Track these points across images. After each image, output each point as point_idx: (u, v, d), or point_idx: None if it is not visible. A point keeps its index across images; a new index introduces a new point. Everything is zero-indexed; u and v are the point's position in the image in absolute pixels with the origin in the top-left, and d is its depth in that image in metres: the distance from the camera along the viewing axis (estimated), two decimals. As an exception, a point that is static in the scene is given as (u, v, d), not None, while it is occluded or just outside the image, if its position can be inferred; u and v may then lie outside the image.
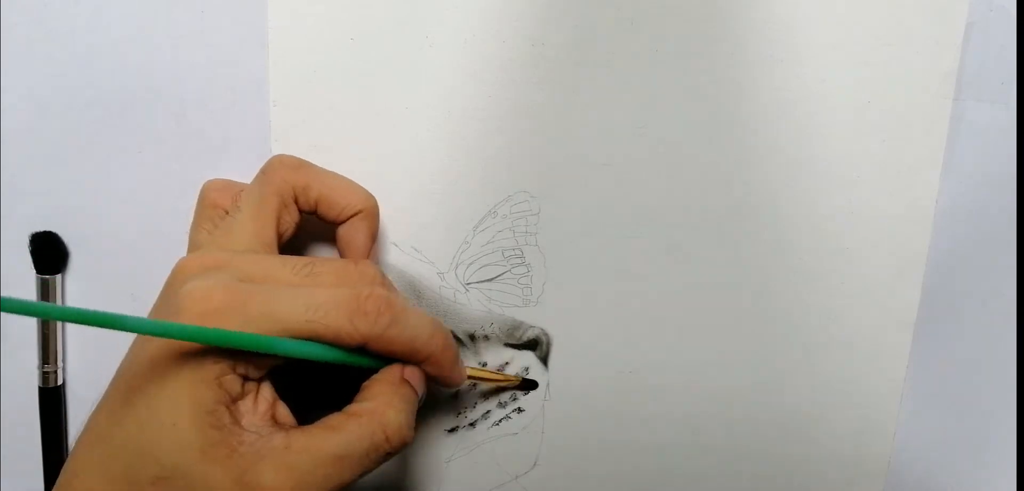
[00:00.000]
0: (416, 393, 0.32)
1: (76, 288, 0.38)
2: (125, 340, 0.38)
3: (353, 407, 0.30)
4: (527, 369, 0.39)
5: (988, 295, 0.38)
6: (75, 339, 0.38)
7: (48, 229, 0.37)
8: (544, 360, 0.39)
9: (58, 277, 0.37)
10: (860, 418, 0.40)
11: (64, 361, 0.38)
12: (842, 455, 0.40)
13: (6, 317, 0.38)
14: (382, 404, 0.30)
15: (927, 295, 0.38)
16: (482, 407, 0.39)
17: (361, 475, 0.29)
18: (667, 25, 0.35)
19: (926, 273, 0.38)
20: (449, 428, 0.39)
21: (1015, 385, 0.39)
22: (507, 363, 0.39)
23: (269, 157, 0.34)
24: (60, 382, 0.38)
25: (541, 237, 0.38)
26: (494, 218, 0.37)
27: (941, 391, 0.39)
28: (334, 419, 0.30)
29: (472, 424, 0.40)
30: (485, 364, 0.39)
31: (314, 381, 0.32)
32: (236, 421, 0.28)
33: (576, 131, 0.36)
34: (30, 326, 0.37)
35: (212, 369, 0.28)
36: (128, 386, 0.29)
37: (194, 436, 0.27)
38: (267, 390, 0.30)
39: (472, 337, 0.39)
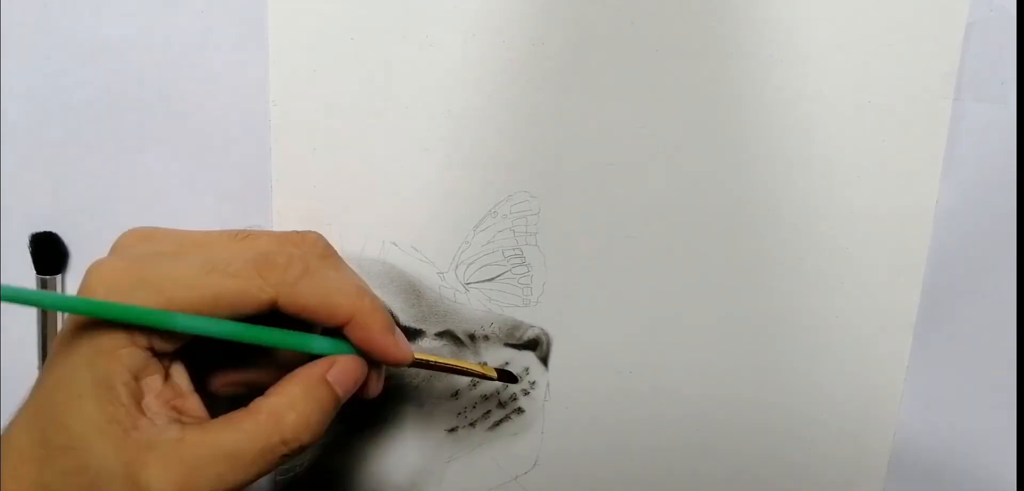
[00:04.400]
0: (336, 395, 0.29)
1: (75, 286, 0.38)
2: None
3: (256, 403, 0.28)
4: (527, 370, 0.39)
5: (988, 295, 0.38)
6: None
7: (48, 230, 0.37)
8: (544, 360, 0.39)
9: (58, 277, 0.37)
10: (860, 418, 0.40)
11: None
12: (842, 455, 0.40)
13: (6, 314, 0.38)
14: (284, 404, 0.28)
15: (927, 295, 0.38)
16: (482, 407, 0.39)
17: (258, 476, 0.27)
18: (667, 25, 0.35)
19: (926, 273, 0.38)
20: (449, 428, 0.39)
21: (1015, 385, 0.39)
22: (507, 363, 0.39)
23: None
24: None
25: (541, 237, 0.38)
26: (494, 218, 0.37)
27: (941, 391, 0.39)
28: (235, 415, 0.28)
29: (472, 424, 0.39)
30: (485, 364, 0.39)
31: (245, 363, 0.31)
32: (136, 402, 0.27)
33: (576, 131, 0.36)
34: (30, 323, 0.37)
35: (108, 342, 0.26)
36: (51, 353, 0.28)
37: (94, 410, 0.26)
38: (179, 374, 0.28)
39: (472, 337, 0.39)
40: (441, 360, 0.34)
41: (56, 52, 0.35)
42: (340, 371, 0.29)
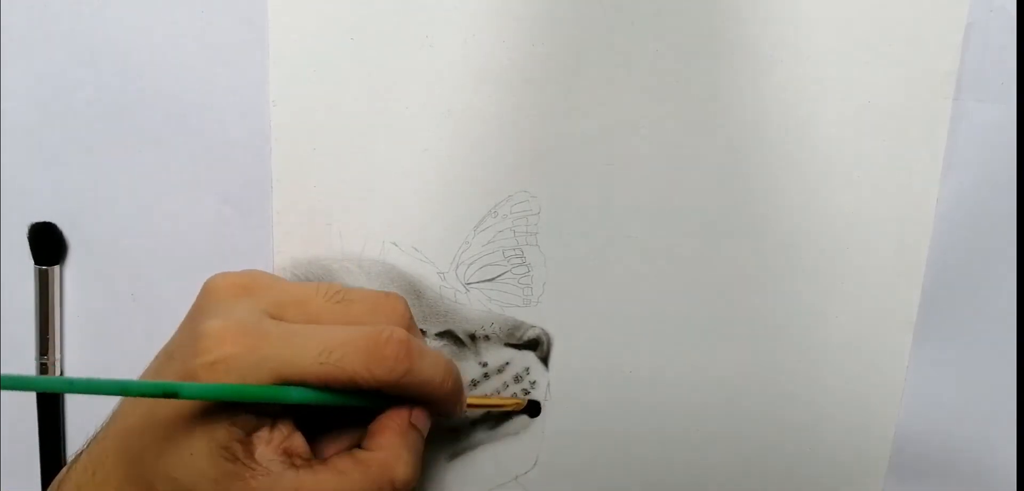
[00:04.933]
0: (423, 435, 0.33)
1: (75, 285, 0.38)
2: (123, 333, 0.38)
3: (363, 454, 0.31)
4: (527, 370, 0.39)
5: (988, 295, 0.38)
6: (73, 331, 0.38)
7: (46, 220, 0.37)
8: (544, 360, 0.39)
9: (57, 269, 0.37)
10: (860, 418, 0.40)
11: (61, 352, 0.38)
12: (842, 455, 0.40)
13: (5, 307, 0.38)
14: (391, 456, 0.31)
15: (927, 295, 0.38)
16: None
17: None
18: (667, 25, 0.35)
19: (926, 273, 0.38)
20: (449, 427, 0.39)
21: (1015, 385, 0.39)
22: (507, 363, 0.39)
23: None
24: (58, 373, 0.38)
25: (541, 237, 0.38)
26: (494, 218, 0.37)
27: (941, 391, 0.39)
28: (343, 463, 0.30)
29: (472, 424, 0.39)
30: (486, 364, 0.39)
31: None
32: (250, 454, 0.29)
33: (576, 131, 0.36)
34: (28, 317, 0.37)
35: (224, 412, 0.28)
36: (155, 402, 0.29)
37: (208, 467, 0.28)
38: (285, 423, 0.30)
39: (472, 337, 0.39)
40: (486, 402, 0.38)
41: (56, 52, 0.35)
42: (419, 414, 0.32)
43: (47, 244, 0.37)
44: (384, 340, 0.29)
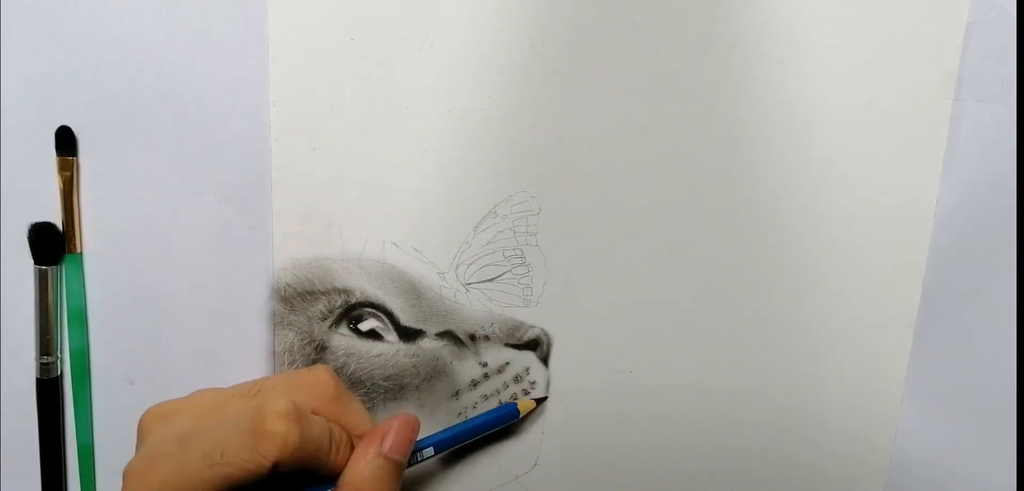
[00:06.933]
0: (400, 464, 0.32)
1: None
2: (120, 332, 0.38)
3: None
4: (527, 370, 0.39)
5: (988, 295, 0.38)
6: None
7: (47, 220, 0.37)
8: (544, 360, 0.39)
9: (57, 269, 0.37)
10: (861, 418, 0.40)
11: (62, 353, 0.38)
12: (843, 455, 0.40)
13: (5, 307, 0.38)
14: None
15: (927, 295, 0.38)
16: (482, 407, 0.39)
17: None
18: (667, 25, 0.35)
19: (926, 273, 0.38)
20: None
21: (1015, 385, 0.39)
22: (507, 363, 0.39)
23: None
24: (57, 374, 0.38)
25: (541, 237, 0.38)
26: (494, 218, 0.37)
27: (941, 391, 0.39)
28: None
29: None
30: (486, 364, 0.39)
31: None
32: None
33: (576, 131, 0.36)
34: (29, 318, 0.37)
35: None
36: None
37: None
38: None
39: (472, 337, 0.39)
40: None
41: (56, 52, 0.35)
42: (393, 443, 0.32)
43: (47, 244, 0.37)
44: (265, 416, 0.28)
